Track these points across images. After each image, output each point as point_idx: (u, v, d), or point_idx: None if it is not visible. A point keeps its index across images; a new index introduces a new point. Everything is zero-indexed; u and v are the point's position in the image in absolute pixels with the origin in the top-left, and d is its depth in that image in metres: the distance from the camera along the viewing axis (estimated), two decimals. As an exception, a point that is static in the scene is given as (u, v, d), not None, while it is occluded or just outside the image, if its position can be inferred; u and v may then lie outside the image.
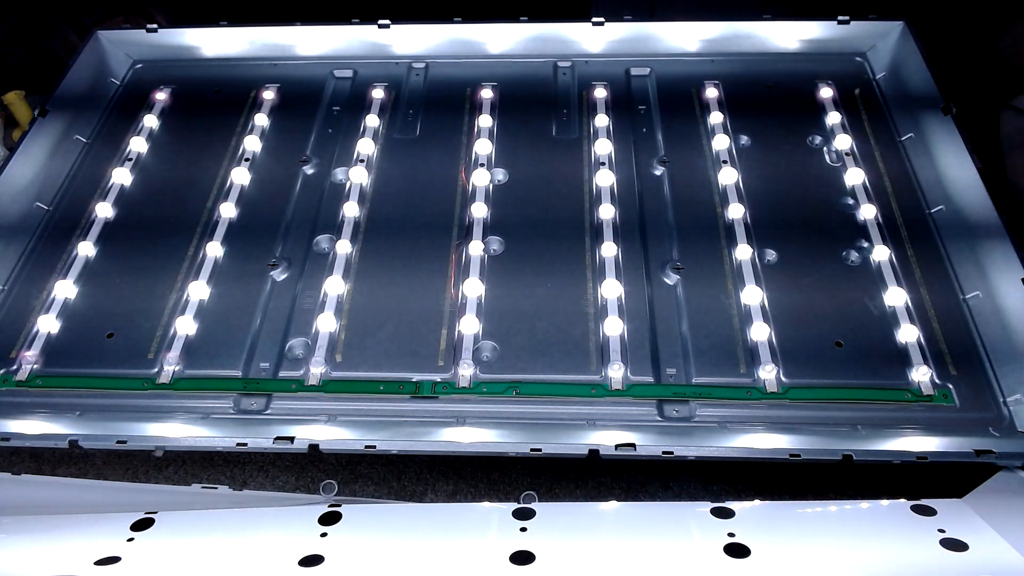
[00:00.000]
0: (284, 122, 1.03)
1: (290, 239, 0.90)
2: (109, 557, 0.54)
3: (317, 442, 0.70)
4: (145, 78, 1.11)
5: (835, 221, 0.88)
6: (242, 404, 0.77)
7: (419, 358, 0.79)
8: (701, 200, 0.91)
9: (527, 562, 0.52)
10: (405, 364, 0.78)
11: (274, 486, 0.76)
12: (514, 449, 0.69)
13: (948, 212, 0.88)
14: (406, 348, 0.79)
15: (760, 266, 0.84)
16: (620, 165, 0.96)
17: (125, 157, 1.00)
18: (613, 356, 0.77)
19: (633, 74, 1.07)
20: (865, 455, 0.67)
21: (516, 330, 0.80)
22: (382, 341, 0.80)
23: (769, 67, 1.06)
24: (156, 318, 0.83)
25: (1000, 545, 0.54)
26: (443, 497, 0.75)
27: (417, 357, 0.79)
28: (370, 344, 0.80)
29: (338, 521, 0.58)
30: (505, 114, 1.03)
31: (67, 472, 0.78)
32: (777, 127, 0.99)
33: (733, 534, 0.55)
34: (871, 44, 1.06)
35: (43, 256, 0.90)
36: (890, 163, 0.94)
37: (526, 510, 0.58)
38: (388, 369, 0.78)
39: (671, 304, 0.82)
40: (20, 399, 0.78)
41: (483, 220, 0.90)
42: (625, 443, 0.68)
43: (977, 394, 0.75)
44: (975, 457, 0.67)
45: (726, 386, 0.76)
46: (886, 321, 0.80)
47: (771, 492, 0.73)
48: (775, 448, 0.69)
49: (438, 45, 1.08)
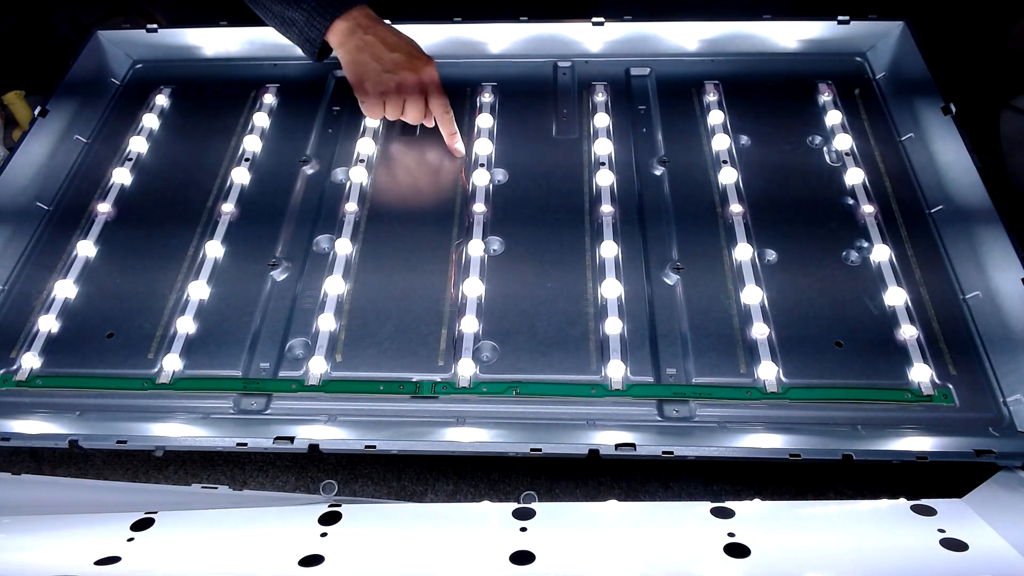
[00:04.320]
0: (284, 122, 1.03)
1: (290, 239, 0.90)
2: (109, 557, 0.54)
3: (317, 442, 0.70)
4: (145, 78, 1.12)
5: (835, 221, 0.88)
6: (242, 404, 0.77)
7: (419, 358, 0.79)
8: (701, 200, 0.91)
9: (527, 562, 0.52)
10: (405, 364, 0.78)
11: (274, 486, 0.76)
12: (514, 449, 0.69)
13: (948, 212, 0.88)
14: (406, 348, 0.80)
15: (760, 266, 0.84)
16: (620, 165, 0.96)
17: (125, 157, 1.00)
18: (613, 356, 0.77)
19: (633, 74, 1.07)
20: (865, 455, 0.67)
21: (516, 330, 0.80)
22: (382, 341, 0.80)
23: (769, 67, 1.07)
24: (156, 318, 0.83)
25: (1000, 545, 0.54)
26: (443, 497, 0.75)
27: (417, 357, 0.79)
28: (370, 344, 0.80)
29: (338, 521, 0.58)
30: (505, 114, 1.03)
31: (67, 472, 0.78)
32: (777, 127, 0.99)
33: (733, 534, 0.55)
34: (871, 44, 1.06)
35: (43, 256, 0.90)
36: (890, 163, 0.94)
37: (526, 510, 0.58)
38: (388, 369, 0.78)
39: (671, 304, 0.82)
40: (20, 399, 0.78)
41: (483, 220, 0.90)
42: (625, 443, 0.68)
43: (977, 394, 0.75)
44: (975, 457, 0.67)
45: (726, 386, 0.76)
46: (886, 321, 0.80)
47: (771, 492, 0.73)
48: (775, 448, 0.69)
49: (438, 45, 1.08)
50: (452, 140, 0.96)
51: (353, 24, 0.92)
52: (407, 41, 0.94)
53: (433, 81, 0.94)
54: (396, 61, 0.91)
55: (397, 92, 0.92)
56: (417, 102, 0.93)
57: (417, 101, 0.93)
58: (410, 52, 0.93)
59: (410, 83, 0.92)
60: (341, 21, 0.92)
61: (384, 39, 0.92)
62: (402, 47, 0.93)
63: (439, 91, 0.94)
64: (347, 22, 0.92)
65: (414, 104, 0.93)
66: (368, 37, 0.92)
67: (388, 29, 0.94)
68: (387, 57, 0.91)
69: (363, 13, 0.94)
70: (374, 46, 0.92)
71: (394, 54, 0.91)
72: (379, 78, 0.92)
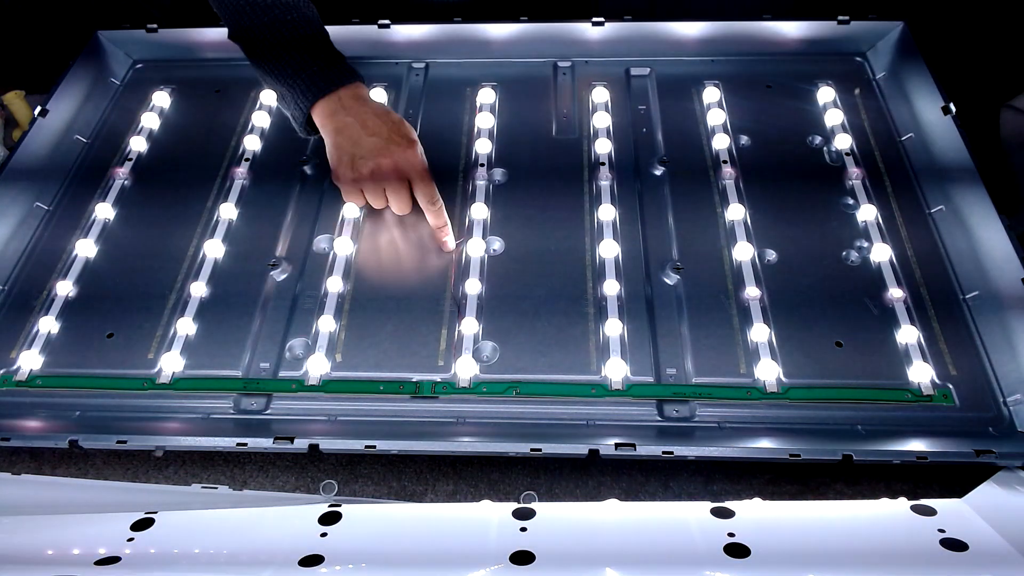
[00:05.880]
0: (284, 122, 1.03)
1: (290, 239, 0.90)
2: (109, 557, 0.54)
3: (317, 442, 0.70)
4: (145, 78, 1.11)
5: (835, 221, 0.88)
6: (242, 404, 0.77)
7: (419, 358, 0.79)
8: (701, 200, 0.91)
9: (527, 562, 0.52)
10: (405, 364, 0.78)
11: (274, 486, 0.76)
12: (514, 449, 0.69)
13: (948, 212, 0.88)
14: (406, 348, 0.80)
15: (760, 266, 0.84)
16: (620, 165, 0.96)
17: (125, 157, 1.00)
18: (613, 356, 0.77)
19: (633, 74, 1.07)
20: (865, 455, 0.67)
21: (516, 330, 0.80)
22: (382, 341, 0.80)
23: (769, 67, 1.07)
24: (156, 318, 0.83)
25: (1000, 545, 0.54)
26: (443, 497, 0.75)
27: (417, 357, 0.79)
28: (370, 344, 0.80)
29: (338, 521, 0.58)
30: (505, 114, 1.03)
31: (67, 472, 0.78)
32: (777, 127, 0.99)
33: (733, 534, 0.55)
34: (871, 44, 1.06)
35: (43, 255, 0.90)
36: (890, 163, 0.94)
37: (526, 510, 0.58)
38: (388, 369, 0.78)
39: (671, 304, 0.82)
40: (20, 399, 0.79)
41: (483, 220, 0.90)
42: (625, 443, 0.68)
43: (977, 394, 0.75)
44: (975, 457, 0.67)
45: (726, 386, 0.76)
46: (886, 321, 0.80)
47: (771, 492, 0.73)
48: (775, 448, 0.69)
49: (438, 45, 1.08)
50: (441, 233, 0.87)
51: (336, 105, 0.86)
52: (392, 123, 0.86)
53: (415, 167, 0.86)
54: (372, 146, 0.84)
55: (372, 179, 0.85)
56: (398, 191, 0.86)
57: (398, 190, 0.86)
58: (390, 136, 0.85)
59: (385, 169, 0.84)
60: (325, 101, 0.86)
61: (364, 122, 0.85)
62: (382, 130, 0.85)
63: (423, 177, 0.86)
64: (331, 103, 0.86)
65: (395, 193, 0.86)
66: (348, 119, 0.85)
67: (373, 110, 0.87)
68: (365, 142, 0.85)
69: (351, 93, 0.87)
70: (352, 129, 0.85)
71: (372, 138, 0.84)
72: (353, 164, 0.85)
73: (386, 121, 0.86)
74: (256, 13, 0.88)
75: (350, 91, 0.88)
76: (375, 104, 0.89)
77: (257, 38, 0.89)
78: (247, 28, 0.89)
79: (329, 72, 0.87)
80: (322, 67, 0.87)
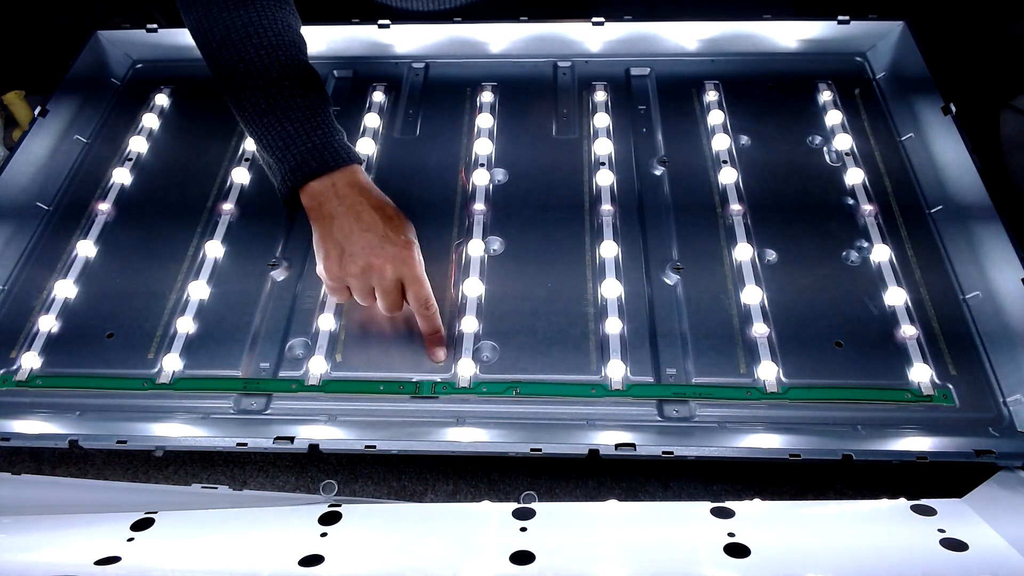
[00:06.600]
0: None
1: (290, 239, 0.90)
2: (109, 557, 0.54)
3: (317, 442, 0.70)
4: (145, 78, 1.12)
5: (835, 221, 0.88)
6: (242, 404, 0.77)
7: (419, 358, 0.79)
8: (701, 200, 0.91)
9: (527, 562, 0.52)
10: (405, 364, 0.78)
11: (274, 486, 0.76)
12: (514, 449, 0.69)
13: (948, 212, 0.88)
14: (406, 348, 0.80)
15: (760, 266, 0.84)
16: (620, 165, 0.96)
17: (125, 157, 1.00)
18: (613, 356, 0.77)
19: (633, 74, 1.07)
20: (865, 455, 0.67)
21: (516, 330, 0.80)
22: (382, 341, 0.80)
23: (769, 67, 1.07)
24: (156, 318, 0.83)
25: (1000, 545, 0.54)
26: (443, 497, 0.75)
27: (417, 357, 0.79)
28: (370, 344, 0.80)
29: (338, 521, 0.58)
30: (505, 114, 1.03)
31: (67, 472, 0.78)
32: (777, 127, 0.99)
33: (733, 534, 0.55)
34: (871, 44, 1.06)
35: (43, 256, 0.90)
36: (890, 163, 0.94)
37: (526, 510, 0.58)
38: (388, 369, 0.78)
39: (671, 304, 0.82)
40: (20, 399, 0.79)
41: (483, 220, 0.90)
42: (625, 443, 0.68)
43: (977, 394, 0.75)
44: (975, 457, 0.67)
45: (726, 386, 0.76)
46: (886, 321, 0.80)
47: (771, 492, 0.73)
48: (775, 448, 0.69)
49: (438, 45, 1.08)
50: (433, 341, 0.79)
51: (329, 189, 0.77)
52: (388, 218, 0.77)
53: (408, 268, 0.76)
54: (365, 244, 0.75)
55: (361, 278, 0.76)
56: (389, 293, 0.77)
57: (389, 292, 0.77)
58: (385, 234, 0.76)
59: (376, 270, 0.75)
60: (317, 183, 0.78)
61: (359, 214, 0.76)
62: (377, 226, 0.76)
63: (417, 280, 0.77)
64: (323, 186, 0.78)
65: (385, 295, 0.77)
66: (340, 208, 0.76)
67: (369, 201, 0.78)
68: (357, 238, 0.75)
69: (345, 177, 0.78)
70: (344, 221, 0.76)
71: (366, 234, 0.75)
72: (341, 260, 0.76)
73: (382, 216, 0.77)
74: (251, 74, 0.80)
75: (345, 174, 0.78)
76: (372, 193, 0.79)
77: (248, 98, 0.81)
78: (239, 88, 0.81)
79: (324, 152, 0.78)
80: (316, 144, 0.78)
